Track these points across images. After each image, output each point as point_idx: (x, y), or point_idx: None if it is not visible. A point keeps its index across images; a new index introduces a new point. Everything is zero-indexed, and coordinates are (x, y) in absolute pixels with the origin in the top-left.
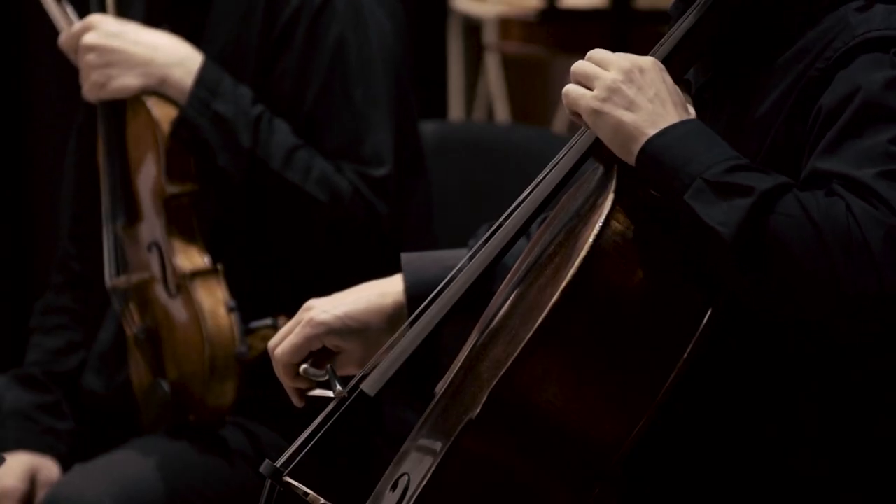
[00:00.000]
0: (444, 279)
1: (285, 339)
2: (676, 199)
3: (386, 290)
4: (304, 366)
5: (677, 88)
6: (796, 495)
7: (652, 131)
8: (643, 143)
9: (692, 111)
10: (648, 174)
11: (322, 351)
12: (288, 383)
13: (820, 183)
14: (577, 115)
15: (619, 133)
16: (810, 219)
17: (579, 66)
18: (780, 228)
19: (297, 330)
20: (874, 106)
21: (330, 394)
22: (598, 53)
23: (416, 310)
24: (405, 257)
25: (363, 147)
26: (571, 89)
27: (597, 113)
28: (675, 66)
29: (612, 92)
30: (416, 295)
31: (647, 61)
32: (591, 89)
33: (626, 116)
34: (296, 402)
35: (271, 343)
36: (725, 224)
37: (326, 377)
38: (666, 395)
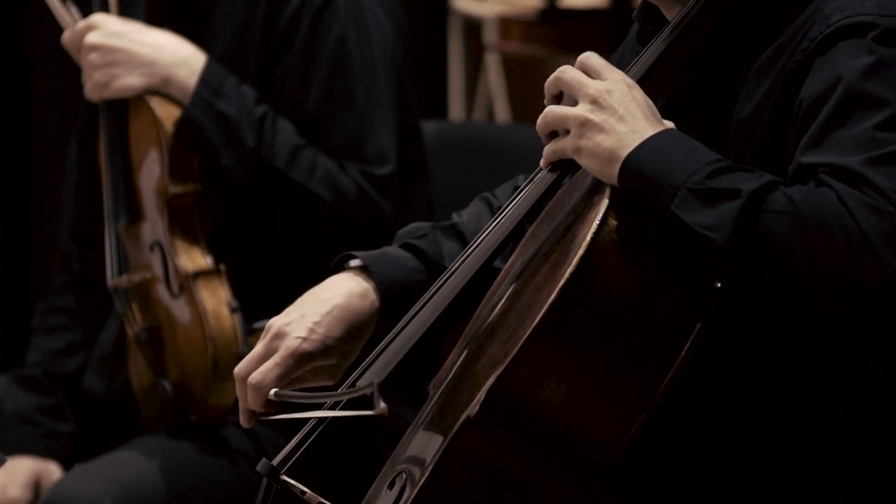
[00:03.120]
0: (410, 279)
1: (257, 365)
2: (664, 211)
3: (351, 301)
4: (274, 390)
5: (648, 101)
6: (793, 494)
7: (628, 150)
8: (622, 161)
9: (668, 123)
10: (633, 191)
11: None
12: (257, 409)
13: (806, 176)
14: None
15: (597, 159)
16: (802, 213)
17: (550, 111)
18: (774, 227)
19: (278, 360)
20: (855, 95)
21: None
22: (565, 74)
23: (391, 309)
24: (366, 257)
25: (366, 146)
26: (552, 147)
27: (577, 151)
28: (655, 82)
29: (583, 125)
30: (390, 294)
31: (614, 80)
32: (566, 129)
33: (601, 142)
34: (246, 422)
35: (240, 370)
36: (716, 229)
37: (301, 399)
38: (664, 393)
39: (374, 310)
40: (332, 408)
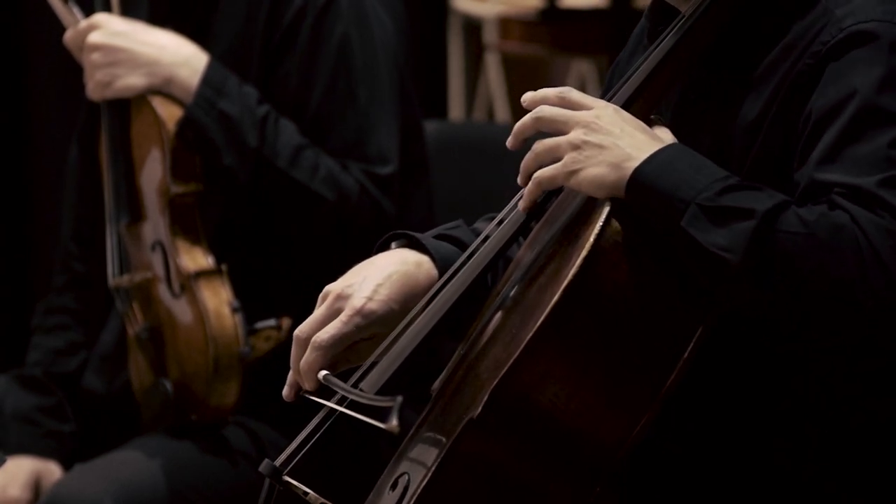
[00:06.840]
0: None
1: (320, 327)
2: (672, 226)
3: (408, 268)
4: (324, 372)
5: (638, 121)
6: (796, 496)
7: (635, 162)
8: (630, 173)
9: (664, 136)
10: (640, 203)
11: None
12: (310, 378)
13: (820, 194)
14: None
15: (600, 176)
16: (816, 235)
17: (539, 145)
18: (788, 248)
19: (345, 319)
20: (870, 109)
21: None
22: (545, 112)
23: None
24: (412, 236)
25: (368, 146)
26: (543, 172)
27: (574, 173)
28: (666, 76)
29: (579, 148)
30: (446, 265)
31: (600, 107)
32: (558, 159)
33: (604, 160)
34: (291, 395)
35: (301, 332)
36: (730, 249)
37: (346, 394)
38: (668, 394)
39: (431, 280)
40: (351, 408)
